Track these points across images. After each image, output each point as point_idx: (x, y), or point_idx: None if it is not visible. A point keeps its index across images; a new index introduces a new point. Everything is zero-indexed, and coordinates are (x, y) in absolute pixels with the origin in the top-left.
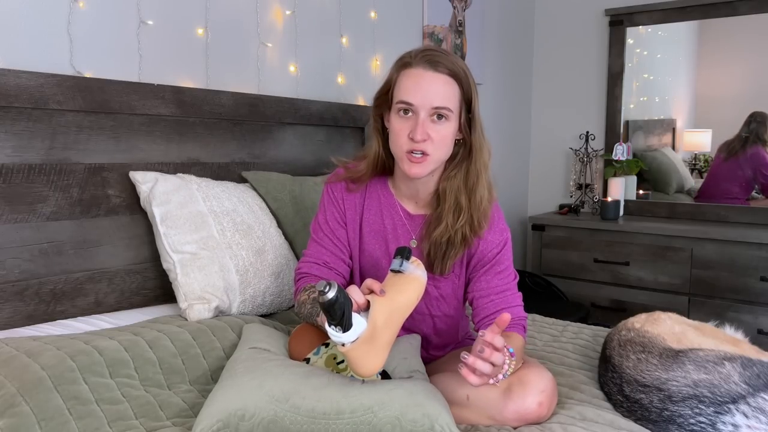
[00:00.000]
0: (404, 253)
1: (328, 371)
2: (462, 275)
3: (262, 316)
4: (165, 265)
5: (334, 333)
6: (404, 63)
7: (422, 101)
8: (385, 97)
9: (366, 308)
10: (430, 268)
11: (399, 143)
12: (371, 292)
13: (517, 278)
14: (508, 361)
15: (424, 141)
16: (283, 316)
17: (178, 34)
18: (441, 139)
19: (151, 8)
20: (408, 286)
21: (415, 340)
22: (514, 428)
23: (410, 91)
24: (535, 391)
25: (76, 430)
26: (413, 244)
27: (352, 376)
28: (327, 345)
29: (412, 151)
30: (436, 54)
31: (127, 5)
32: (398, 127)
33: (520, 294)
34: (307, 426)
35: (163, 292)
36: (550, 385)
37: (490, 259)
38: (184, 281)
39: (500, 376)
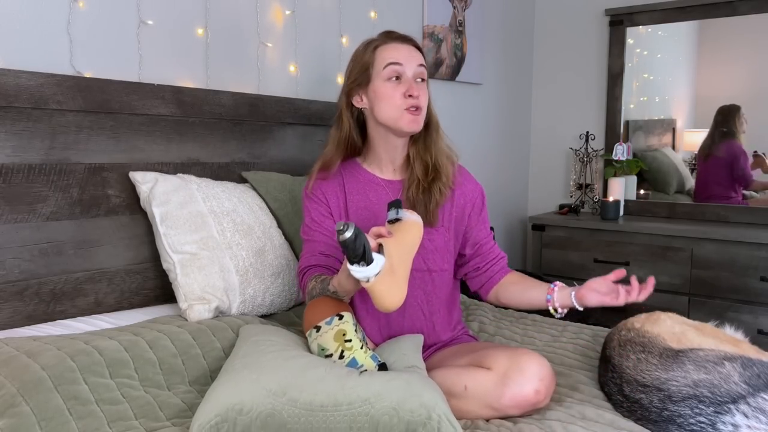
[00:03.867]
0: (397, 204)
1: (326, 363)
2: (450, 228)
3: (262, 316)
4: (165, 266)
5: (357, 269)
6: (375, 45)
7: (408, 61)
8: (362, 76)
9: (377, 251)
10: None
11: (394, 104)
12: (379, 237)
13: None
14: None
15: (419, 98)
16: (284, 317)
17: (178, 34)
18: (425, 97)
19: (151, 8)
20: (409, 228)
21: (417, 339)
22: (512, 417)
23: (396, 56)
24: (534, 379)
25: (76, 431)
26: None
27: (354, 358)
28: (341, 317)
29: (409, 107)
30: (402, 34)
31: (127, 5)
32: (391, 91)
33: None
34: (304, 419)
35: (163, 292)
36: (548, 373)
37: (480, 206)
38: (184, 281)
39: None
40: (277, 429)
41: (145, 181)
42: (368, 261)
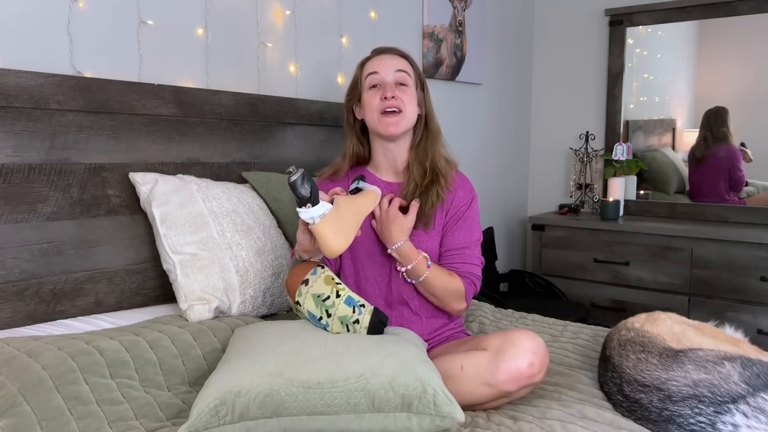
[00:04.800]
0: (360, 178)
1: (320, 344)
2: (440, 232)
3: (262, 317)
4: (165, 266)
5: (304, 211)
6: (363, 61)
7: (385, 68)
8: (354, 91)
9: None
10: (414, 226)
11: (373, 107)
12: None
13: (481, 239)
14: (422, 259)
15: (394, 98)
16: (284, 318)
17: (178, 34)
18: (408, 99)
19: (151, 8)
20: (366, 194)
21: (421, 339)
22: (509, 393)
23: (374, 66)
24: (527, 352)
25: (76, 431)
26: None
27: (349, 296)
28: (322, 267)
29: (385, 110)
30: (386, 47)
31: (127, 5)
32: (370, 97)
33: (480, 257)
34: (302, 396)
35: (163, 292)
36: (541, 348)
37: (461, 215)
38: (184, 282)
39: (407, 267)
40: (275, 408)
41: (144, 182)
42: (314, 202)
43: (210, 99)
